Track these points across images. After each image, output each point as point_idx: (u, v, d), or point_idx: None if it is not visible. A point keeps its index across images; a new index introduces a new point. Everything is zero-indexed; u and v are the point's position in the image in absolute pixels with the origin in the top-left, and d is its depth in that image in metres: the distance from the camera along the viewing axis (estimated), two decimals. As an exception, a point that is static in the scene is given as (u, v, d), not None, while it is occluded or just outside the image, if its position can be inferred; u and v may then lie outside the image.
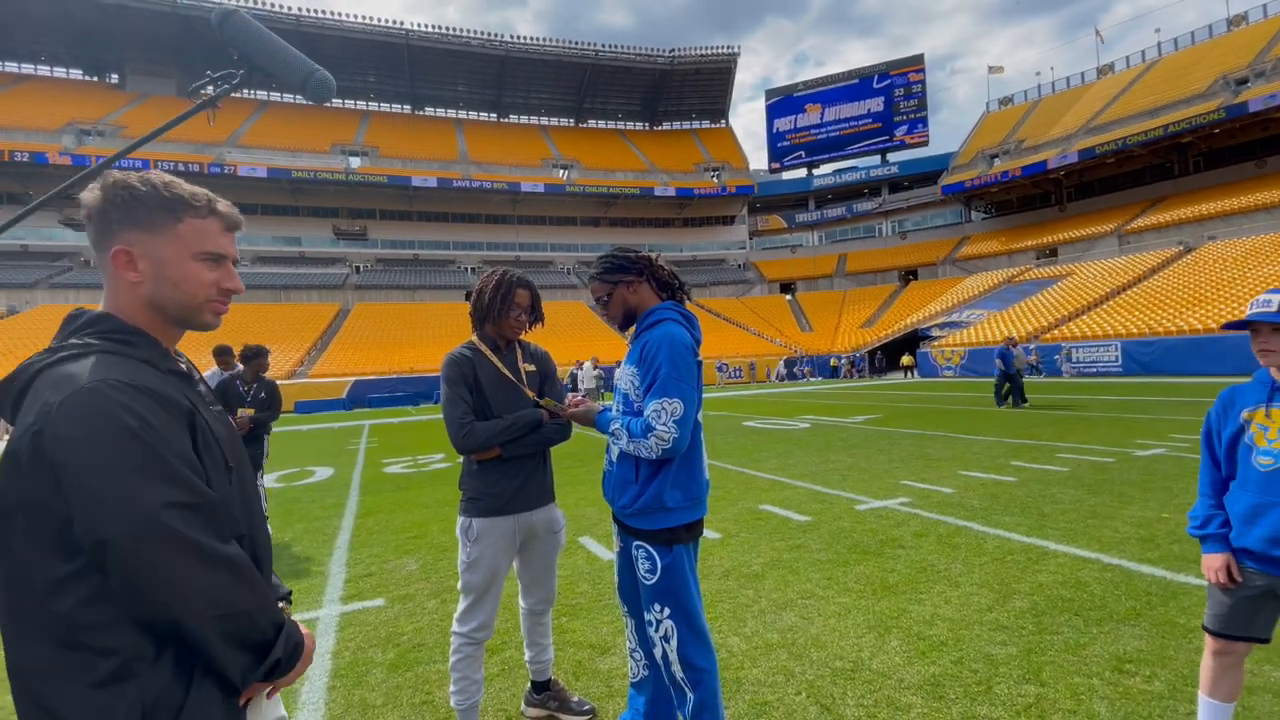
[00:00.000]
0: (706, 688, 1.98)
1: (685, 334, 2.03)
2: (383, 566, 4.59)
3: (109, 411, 0.91)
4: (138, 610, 0.92)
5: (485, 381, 2.35)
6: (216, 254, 1.10)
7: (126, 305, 1.06)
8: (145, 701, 0.92)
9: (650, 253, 2.20)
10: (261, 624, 1.01)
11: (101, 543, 0.89)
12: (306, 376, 30.62)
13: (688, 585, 2.01)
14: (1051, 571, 3.79)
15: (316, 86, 1.82)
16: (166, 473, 0.94)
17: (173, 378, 1.06)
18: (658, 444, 1.90)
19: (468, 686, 2.30)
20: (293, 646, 1.06)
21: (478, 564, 2.31)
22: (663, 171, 55.73)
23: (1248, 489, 1.90)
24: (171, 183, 1.07)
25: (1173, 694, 2.42)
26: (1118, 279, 32.23)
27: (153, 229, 1.04)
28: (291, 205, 46.78)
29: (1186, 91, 39.24)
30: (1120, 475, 6.30)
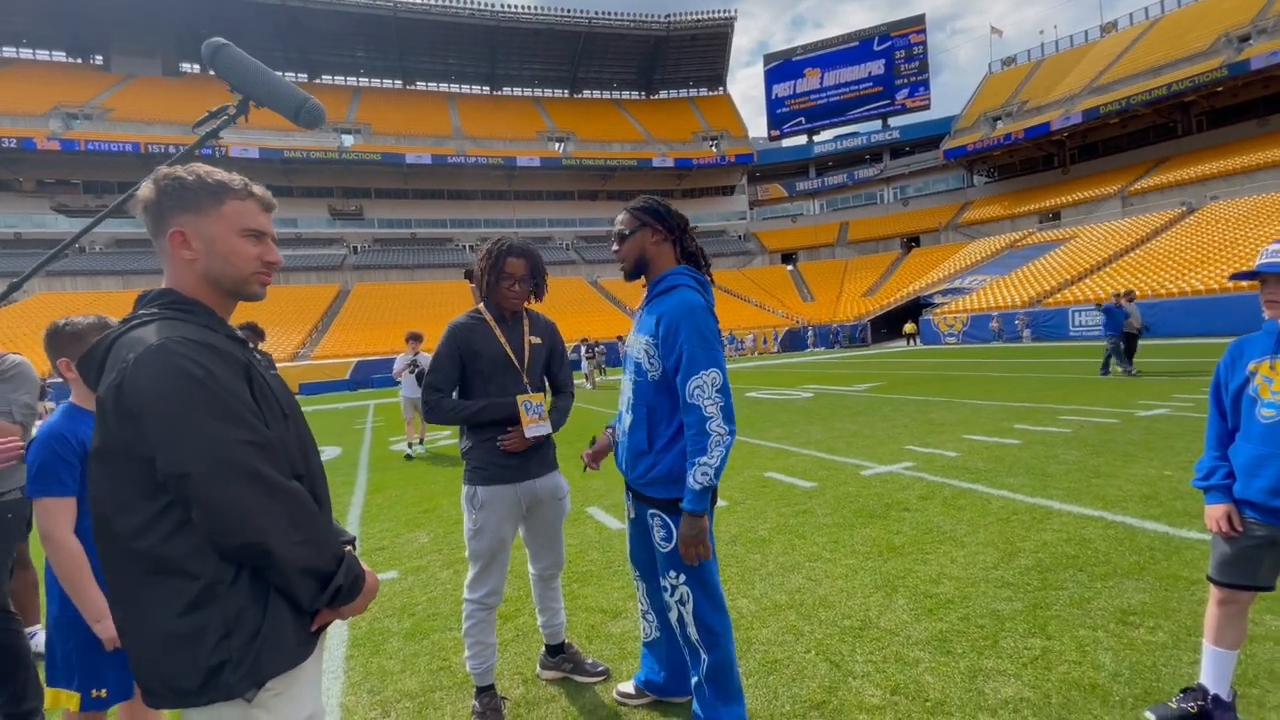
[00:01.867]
0: (721, 650, 1.99)
1: (700, 298, 2.00)
2: (395, 540, 4.66)
3: (177, 364, 1.04)
4: (215, 537, 1.04)
5: (484, 353, 2.35)
6: (258, 230, 1.23)
7: (185, 281, 1.19)
8: (228, 622, 1.05)
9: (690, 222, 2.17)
10: (324, 553, 1.14)
11: (181, 476, 1.01)
12: (309, 358, 30.68)
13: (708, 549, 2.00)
14: (1056, 530, 3.83)
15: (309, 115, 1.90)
16: (232, 414, 1.07)
17: (229, 340, 1.18)
18: (720, 424, 1.84)
19: (481, 651, 2.35)
20: (353, 577, 1.18)
21: (483, 531, 2.34)
22: (660, 142, 54.92)
23: (1250, 440, 1.91)
24: (212, 171, 1.20)
25: (1176, 644, 2.47)
26: (1121, 241, 31.94)
27: (201, 211, 1.17)
28: (285, 186, 46.26)
29: (1189, 49, 38.38)
30: (1123, 435, 6.33)
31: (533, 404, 2.39)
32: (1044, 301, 28.44)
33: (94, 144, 39.12)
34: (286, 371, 27.08)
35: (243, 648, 1.06)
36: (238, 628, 1.06)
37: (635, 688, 2.37)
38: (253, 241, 1.23)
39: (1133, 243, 31.20)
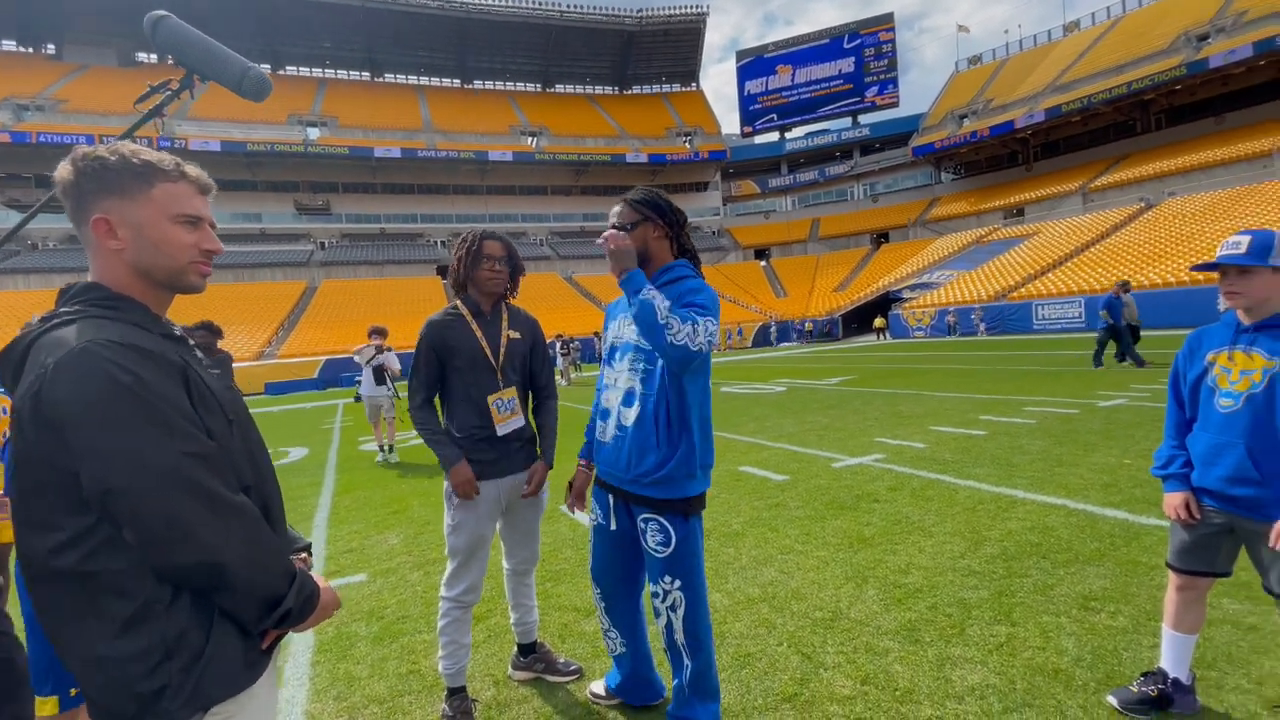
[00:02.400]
0: (705, 654, 2.00)
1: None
2: (363, 542, 4.56)
3: (103, 369, 0.95)
4: (153, 558, 0.96)
5: (458, 350, 2.32)
6: (193, 216, 1.13)
7: (113, 273, 1.09)
8: (167, 643, 0.97)
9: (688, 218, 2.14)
10: (274, 571, 1.06)
11: (109, 493, 0.93)
12: (275, 357, 29.93)
13: (699, 556, 2.00)
14: (1020, 518, 3.91)
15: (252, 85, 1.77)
16: (166, 424, 0.98)
17: (164, 340, 1.08)
18: (701, 330, 1.74)
19: (455, 651, 2.31)
20: (305, 597, 1.10)
21: (461, 527, 2.32)
22: (634, 137, 54.80)
23: (1208, 429, 1.95)
24: (138, 150, 1.10)
25: (1136, 628, 2.54)
26: (1082, 236, 32.87)
27: (127, 195, 1.07)
28: (249, 180, 45.03)
29: (1150, 48, 39.60)
30: (1084, 425, 6.50)
31: (503, 401, 2.36)
32: (1008, 296, 29.14)
33: (46, 136, 37.51)
34: (252, 371, 26.39)
35: (183, 671, 0.98)
36: (178, 649, 0.98)
37: (606, 689, 2.35)
38: (188, 228, 1.12)
39: (1093, 238, 32.12)
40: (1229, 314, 1.98)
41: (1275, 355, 1.81)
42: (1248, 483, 1.83)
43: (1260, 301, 1.85)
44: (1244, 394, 1.85)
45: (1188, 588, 2.04)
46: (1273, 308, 1.86)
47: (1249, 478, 1.83)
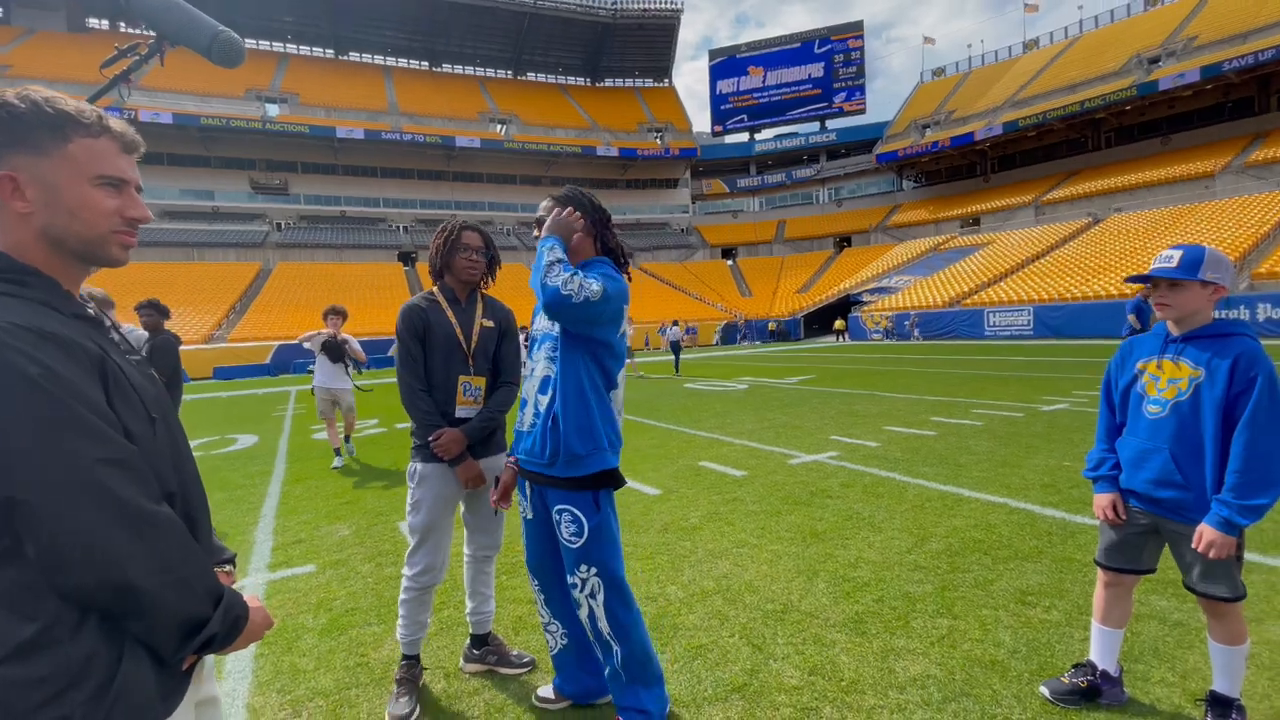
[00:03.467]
0: (634, 639, 1.99)
1: (626, 287, 2.01)
2: (313, 533, 4.44)
3: (5, 359, 0.82)
4: (58, 576, 0.84)
5: (434, 334, 2.37)
6: (116, 178, 0.99)
7: (18, 240, 0.94)
8: (70, 671, 0.85)
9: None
10: (197, 595, 0.94)
11: (11, 503, 0.81)
12: (225, 340, 28.82)
13: (614, 541, 2.01)
14: (965, 516, 4.06)
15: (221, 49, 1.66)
16: (80, 424, 0.85)
17: (77, 322, 0.95)
18: (583, 285, 1.80)
19: (412, 625, 2.38)
20: (232, 620, 0.99)
21: (419, 505, 2.37)
22: (605, 130, 54.52)
23: (1137, 435, 2.05)
24: (53, 98, 0.94)
25: (1069, 622, 2.66)
26: (1033, 248, 34.18)
27: (39, 150, 0.92)
28: (203, 155, 43.11)
29: (1103, 69, 41.33)
30: (1028, 428, 6.78)
31: (470, 386, 2.42)
32: (963, 302, 30.11)
33: (-21, 98, 35.12)
34: (200, 354, 25.36)
35: (88, 703, 0.85)
36: (83, 678, 0.86)
37: (554, 692, 2.32)
38: (110, 192, 0.98)
39: (1043, 249, 33.43)
40: (1159, 325, 2.08)
41: (1200, 365, 1.89)
42: (1172, 486, 1.93)
43: (1189, 313, 1.94)
44: (1170, 401, 1.94)
45: (1115, 584, 2.14)
46: (1200, 320, 1.95)
47: (1173, 481, 1.92)
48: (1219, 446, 1.85)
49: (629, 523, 4.29)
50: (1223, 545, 1.80)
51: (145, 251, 38.00)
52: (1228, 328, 1.91)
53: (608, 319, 1.90)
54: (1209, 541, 1.81)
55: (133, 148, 1.03)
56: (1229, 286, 1.94)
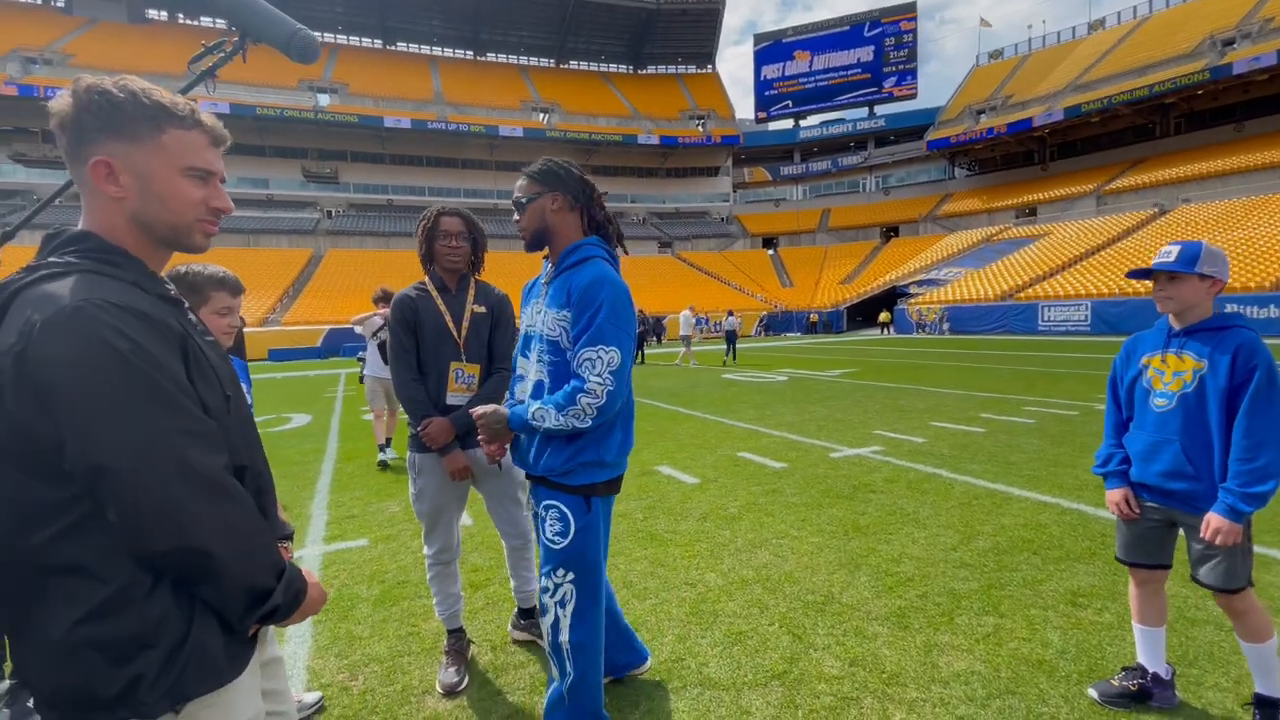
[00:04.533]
0: (590, 664, 1.85)
1: (622, 280, 1.81)
2: (365, 509, 4.63)
3: (98, 333, 0.86)
4: (134, 542, 0.88)
5: (424, 323, 2.38)
6: (204, 170, 1.03)
7: (109, 223, 0.98)
8: (145, 631, 0.89)
9: (599, 189, 1.94)
10: (264, 567, 0.99)
11: (99, 470, 0.85)
12: (280, 324, 29.99)
13: (599, 545, 1.86)
14: (1014, 515, 3.96)
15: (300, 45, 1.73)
16: (165, 398, 0.90)
17: (162, 302, 1.00)
18: (592, 403, 1.68)
19: (445, 599, 2.49)
20: (294, 594, 1.03)
21: (423, 495, 2.44)
22: (646, 118, 54.24)
23: (1145, 429, 2.07)
24: (150, 89, 0.98)
25: (1121, 625, 2.59)
26: (1093, 240, 32.65)
27: (135, 139, 0.96)
28: (257, 145, 44.71)
29: (1174, 51, 38.98)
30: (1083, 427, 6.54)
31: (463, 373, 2.42)
32: (1015, 296, 29.03)
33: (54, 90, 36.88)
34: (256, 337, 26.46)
35: (162, 662, 0.90)
36: (157, 639, 0.90)
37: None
38: (197, 183, 1.02)
39: (1104, 242, 31.91)
40: (1162, 320, 2.10)
41: (1204, 357, 1.94)
42: (1183, 477, 1.95)
43: (1188, 306, 1.98)
44: (1177, 394, 1.98)
45: (1144, 581, 2.13)
46: (1200, 313, 1.99)
47: (1184, 472, 1.95)
48: (1224, 436, 1.89)
49: (668, 510, 4.33)
50: (1229, 532, 1.83)
51: (206, 237, 39.74)
52: (1227, 320, 1.97)
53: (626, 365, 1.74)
54: (1215, 529, 1.84)
55: (220, 141, 1.07)
56: (1225, 280, 1.98)
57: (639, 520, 4.14)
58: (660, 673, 2.38)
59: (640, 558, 3.50)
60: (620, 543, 3.74)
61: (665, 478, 5.20)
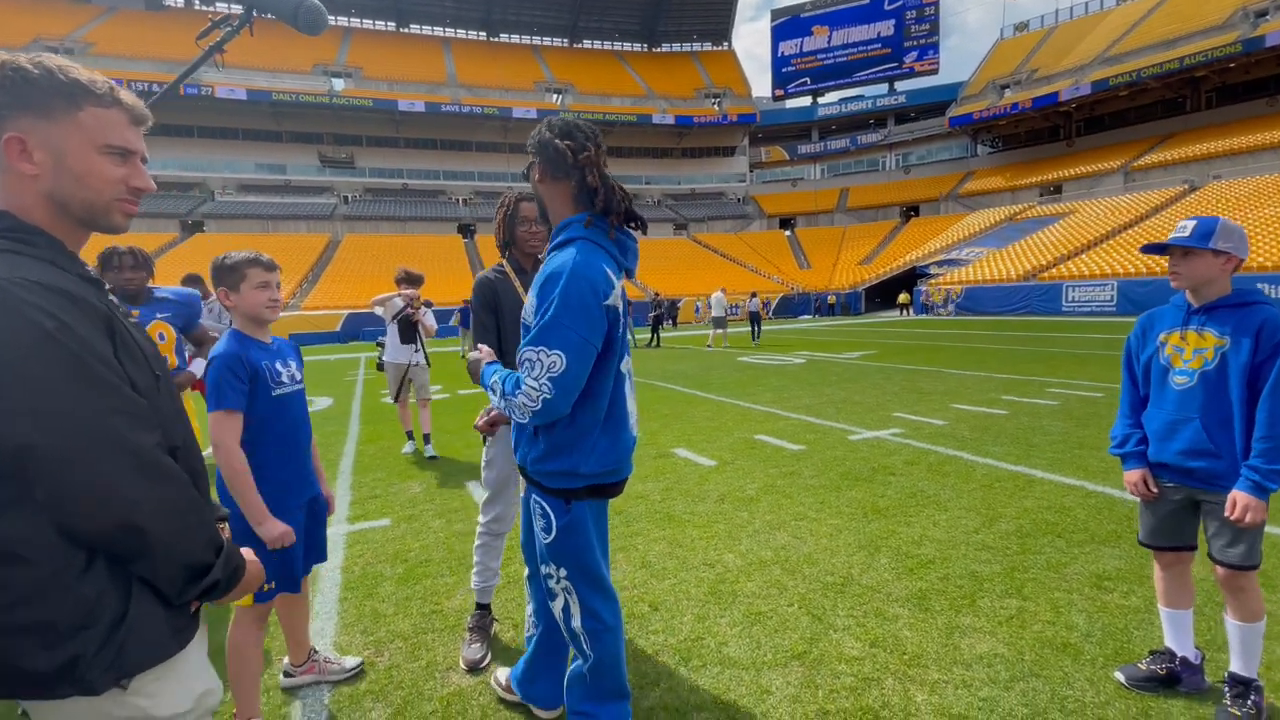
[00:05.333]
0: (607, 647, 1.78)
1: (596, 265, 1.59)
2: (387, 490, 4.70)
3: (22, 312, 0.85)
4: (66, 521, 0.87)
5: (505, 305, 2.42)
6: (124, 148, 1.01)
7: (23, 202, 0.96)
8: (81, 611, 0.88)
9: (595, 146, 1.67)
10: (201, 543, 0.98)
11: (27, 449, 0.83)
12: (299, 309, 30.36)
13: (589, 546, 1.76)
14: (1037, 497, 3.91)
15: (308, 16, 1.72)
16: (93, 376, 0.88)
17: (83, 282, 0.98)
18: (527, 405, 1.55)
19: (484, 571, 2.53)
20: (232, 569, 1.03)
21: (493, 463, 2.50)
22: (661, 97, 53.54)
23: (1164, 407, 2.03)
24: (67, 66, 0.97)
25: (1147, 608, 2.55)
26: (1120, 218, 31.81)
27: (49, 116, 0.95)
28: (274, 130, 44.94)
29: (1205, 22, 37.49)
30: (1108, 409, 6.41)
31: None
32: (1039, 276, 28.45)
33: (74, 79, 37.56)
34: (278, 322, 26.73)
35: (102, 640, 0.89)
36: (95, 617, 0.89)
37: (507, 680, 2.19)
38: (116, 161, 1.00)
39: (1131, 219, 31.08)
40: (1179, 296, 2.07)
41: (1225, 334, 1.91)
42: (1204, 455, 1.93)
43: (1203, 282, 1.96)
44: (1198, 371, 1.95)
45: (1170, 564, 2.10)
46: (1219, 290, 1.96)
47: (1205, 450, 1.92)
48: (1247, 413, 1.87)
49: (685, 492, 4.34)
50: (1257, 510, 1.81)
51: (225, 223, 40.23)
52: (1248, 296, 1.94)
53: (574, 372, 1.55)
54: (1245, 506, 1.81)
55: (141, 120, 1.05)
56: (1243, 257, 1.94)
57: (656, 501, 4.15)
58: (680, 651, 2.40)
59: (659, 538, 3.52)
60: (638, 524, 3.76)
61: (682, 460, 5.20)
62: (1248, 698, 1.89)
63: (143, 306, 3.08)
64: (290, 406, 2.07)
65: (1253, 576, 1.91)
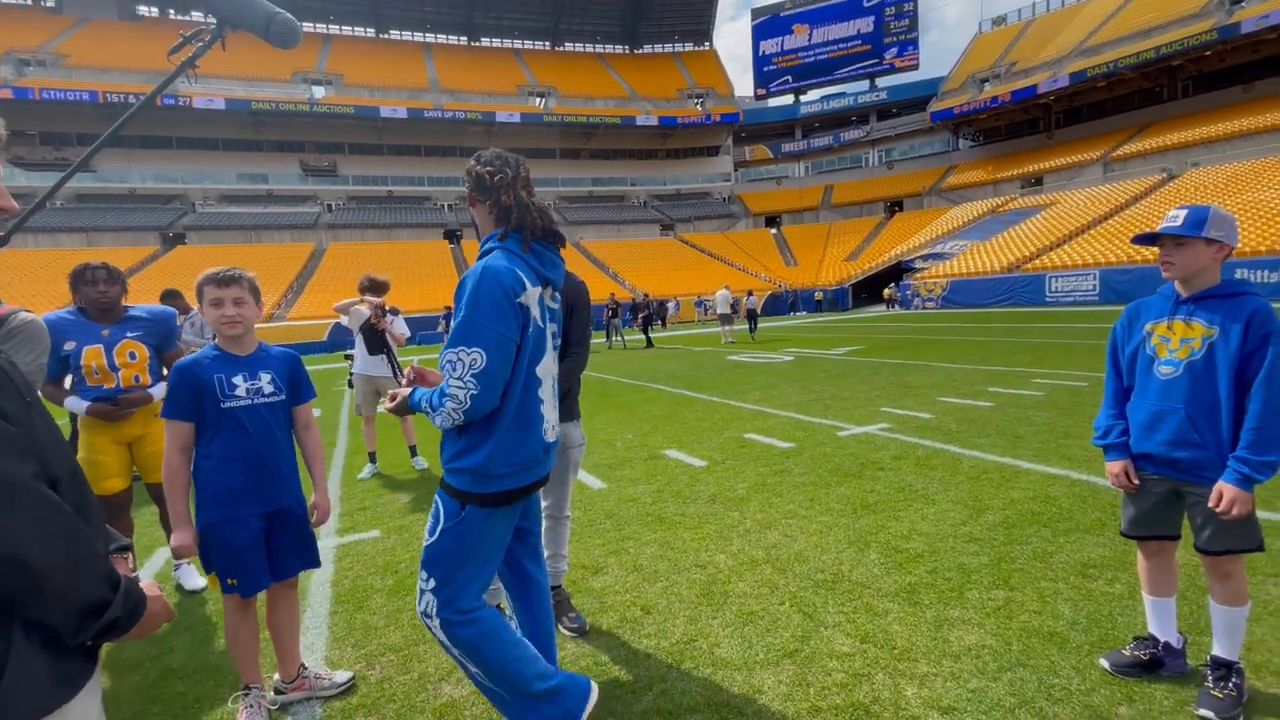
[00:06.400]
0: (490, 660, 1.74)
1: (506, 267, 1.68)
2: (376, 501, 4.67)
3: None
4: None
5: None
6: None
7: None
8: None
9: (513, 172, 1.81)
10: (94, 577, 0.90)
11: None
12: (285, 319, 30.11)
13: (466, 555, 1.73)
14: (1023, 488, 3.96)
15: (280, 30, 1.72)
16: None
17: None
18: (456, 407, 1.60)
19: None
20: (133, 604, 0.95)
21: None
22: (644, 99, 53.60)
23: (1148, 397, 2.04)
24: None
25: (1131, 595, 2.59)
26: (1100, 207, 32.20)
27: None
28: (255, 140, 44.54)
29: (1181, 10, 38.05)
30: (1092, 398, 6.50)
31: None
32: (1022, 267, 28.74)
33: (49, 92, 37.07)
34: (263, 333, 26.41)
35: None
36: None
37: None
38: None
39: (1112, 209, 31.48)
40: (1167, 286, 2.07)
41: (1214, 324, 1.91)
42: (1189, 445, 1.93)
43: (1194, 272, 1.95)
44: (1184, 361, 1.95)
45: (1154, 554, 2.12)
46: (1207, 280, 1.96)
47: (1190, 440, 1.93)
48: (1234, 404, 1.87)
49: (676, 493, 4.35)
50: (1243, 502, 1.81)
51: (207, 235, 39.82)
52: (1237, 287, 1.94)
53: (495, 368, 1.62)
54: (1230, 499, 1.82)
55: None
56: (1234, 245, 1.94)
57: (647, 504, 4.16)
58: (673, 654, 2.40)
59: (650, 541, 3.52)
60: (630, 527, 3.76)
61: (673, 461, 5.21)
62: (1229, 680, 1.92)
63: (114, 325, 3.04)
64: (245, 419, 2.09)
65: (1240, 561, 1.92)
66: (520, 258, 1.75)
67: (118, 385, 2.99)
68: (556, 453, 1.99)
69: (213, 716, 2.23)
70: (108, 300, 3.02)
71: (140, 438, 3.12)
